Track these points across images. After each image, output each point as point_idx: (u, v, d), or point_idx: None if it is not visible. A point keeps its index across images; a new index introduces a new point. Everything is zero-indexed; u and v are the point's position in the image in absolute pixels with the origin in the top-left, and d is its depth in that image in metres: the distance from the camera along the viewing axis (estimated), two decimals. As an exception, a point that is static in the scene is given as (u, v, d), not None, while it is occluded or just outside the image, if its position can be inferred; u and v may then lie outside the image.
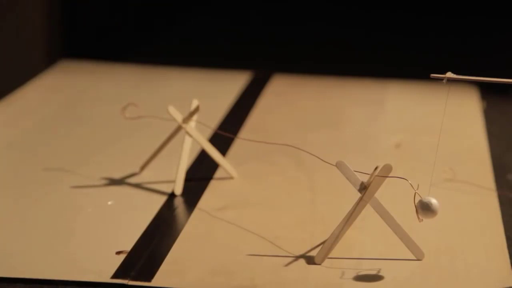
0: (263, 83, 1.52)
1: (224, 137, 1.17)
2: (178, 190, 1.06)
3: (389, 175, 0.86)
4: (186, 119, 1.07)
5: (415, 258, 0.90)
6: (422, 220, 0.86)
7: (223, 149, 1.17)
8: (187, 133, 1.08)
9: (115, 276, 0.86)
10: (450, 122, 1.27)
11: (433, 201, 0.85)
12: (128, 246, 0.92)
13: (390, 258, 0.90)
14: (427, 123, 1.33)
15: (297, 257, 0.90)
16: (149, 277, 0.86)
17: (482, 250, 0.93)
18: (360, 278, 0.86)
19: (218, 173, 1.12)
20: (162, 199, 1.05)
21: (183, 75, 1.57)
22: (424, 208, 0.85)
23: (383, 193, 0.89)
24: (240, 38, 1.88)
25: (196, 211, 1.02)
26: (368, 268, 0.88)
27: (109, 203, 1.04)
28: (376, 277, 0.86)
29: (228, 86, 1.50)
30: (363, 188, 0.87)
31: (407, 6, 2.10)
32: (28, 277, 0.86)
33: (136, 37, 1.84)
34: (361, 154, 1.20)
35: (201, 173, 1.12)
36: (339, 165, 0.88)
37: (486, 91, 1.46)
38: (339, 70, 1.60)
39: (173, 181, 1.06)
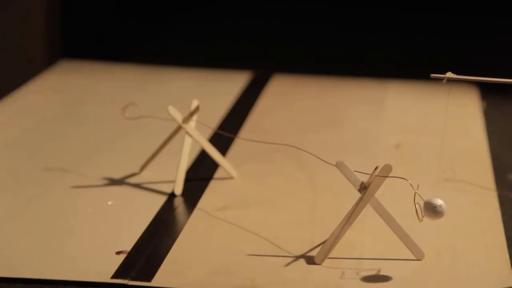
0: (263, 83, 1.52)
1: (224, 137, 1.17)
2: (178, 190, 1.06)
3: (389, 175, 0.86)
4: (186, 119, 1.07)
5: (415, 258, 0.90)
6: (422, 220, 0.86)
7: (223, 149, 1.17)
8: (187, 133, 1.08)
9: (115, 276, 0.86)
10: (450, 122, 1.27)
11: (440, 202, 0.85)
12: (128, 246, 0.92)
13: (390, 258, 0.90)
14: (427, 123, 1.33)
15: (297, 257, 0.90)
16: (149, 277, 0.86)
17: (482, 250, 0.93)
18: (360, 278, 0.86)
19: (218, 173, 1.12)
20: (162, 199, 1.05)
21: (183, 75, 1.57)
22: (432, 210, 0.85)
23: (383, 193, 0.89)
24: (240, 38, 1.88)
25: (196, 211, 1.02)
26: (368, 268, 0.88)
27: (109, 203, 1.04)
28: (376, 277, 0.86)
29: (228, 86, 1.50)
30: (363, 188, 0.87)
31: (407, 6, 2.10)
32: (28, 277, 0.86)
33: (136, 37, 1.84)
34: (361, 154, 1.20)
35: (201, 173, 1.12)
36: (339, 165, 0.88)
37: (486, 91, 1.46)
38: (339, 70, 1.60)
39: (173, 181, 1.06)
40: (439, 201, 0.85)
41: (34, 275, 0.86)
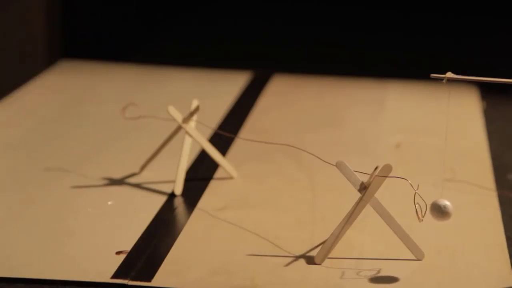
0: (263, 83, 1.52)
1: (224, 137, 1.17)
2: (178, 190, 1.06)
3: (389, 175, 0.86)
4: (186, 119, 1.07)
5: (415, 258, 0.90)
6: (422, 220, 0.86)
7: (223, 149, 1.17)
8: (187, 133, 1.08)
9: (115, 276, 0.86)
10: (450, 122, 1.27)
11: (446, 202, 0.85)
12: (128, 246, 0.92)
13: (390, 258, 0.90)
14: (427, 123, 1.33)
15: (297, 257, 0.90)
16: (149, 277, 0.86)
17: (482, 250, 0.93)
18: (360, 278, 0.86)
19: (218, 173, 1.12)
20: (162, 199, 1.05)
21: (183, 75, 1.57)
22: (438, 211, 0.85)
23: (383, 193, 0.89)
24: (240, 38, 1.89)
25: (196, 211, 1.02)
26: (368, 268, 0.88)
27: (109, 203, 1.04)
28: (376, 277, 0.86)
29: (228, 86, 1.50)
30: (363, 188, 0.87)
31: (407, 6, 2.10)
32: (28, 277, 0.86)
33: (136, 37, 1.84)
34: (361, 154, 1.20)
35: (201, 173, 1.12)
36: (339, 165, 0.88)
37: (486, 91, 1.46)
38: (339, 70, 1.60)
39: (173, 181, 1.06)
40: (445, 202, 0.85)
41: (34, 275, 0.86)
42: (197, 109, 1.07)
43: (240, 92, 1.47)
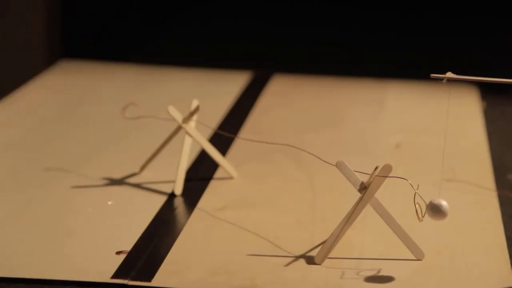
0: (263, 83, 1.52)
1: (224, 137, 1.17)
2: (178, 190, 1.06)
3: (389, 175, 0.86)
4: (186, 119, 1.07)
5: (415, 258, 0.90)
6: (422, 220, 0.86)
7: (223, 149, 1.17)
8: (187, 133, 1.08)
9: (115, 276, 0.86)
10: (450, 122, 1.27)
11: (443, 202, 0.85)
12: (128, 246, 0.92)
13: (390, 258, 0.90)
14: (427, 123, 1.33)
15: (297, 257, 0.90)
16: (149, 277, 0.86)
17: (482, 250, 0.93)
18: (360, 278, 0.86)
19: (218, 173, 1.12)
20: (162, 199, 1.05)
21: (183, 75, 1.57)
22: (435, 210, 0.85)
23: (383, 193, 0.89)
24: (240, 38, 1.89)
25: (196, 211, 1.02)
26: (368, 268, 0.88)
27: (109, 203, 1.04)
28: (376, 277, 0.86)
29: (228, 86, 1.50)
30: (363, 188, 0.87)
31: (407, 6, 2.10)
32: (28, 277, 0.86)
33: (136, 37, 1.84)
34: (361, 154, 1.20)
35: (201, 173, 1.12)
36: (339, 165, 0.88)
37: (486, 91, 1.46)
38: (339, 70, 1.60)
39: (173, 181, 1.06)
40: (442, 202, 0.86)
41: (34, 275, 0.86)
42: (197, 109, 1.07)
43: (240, 92, 1.47)
